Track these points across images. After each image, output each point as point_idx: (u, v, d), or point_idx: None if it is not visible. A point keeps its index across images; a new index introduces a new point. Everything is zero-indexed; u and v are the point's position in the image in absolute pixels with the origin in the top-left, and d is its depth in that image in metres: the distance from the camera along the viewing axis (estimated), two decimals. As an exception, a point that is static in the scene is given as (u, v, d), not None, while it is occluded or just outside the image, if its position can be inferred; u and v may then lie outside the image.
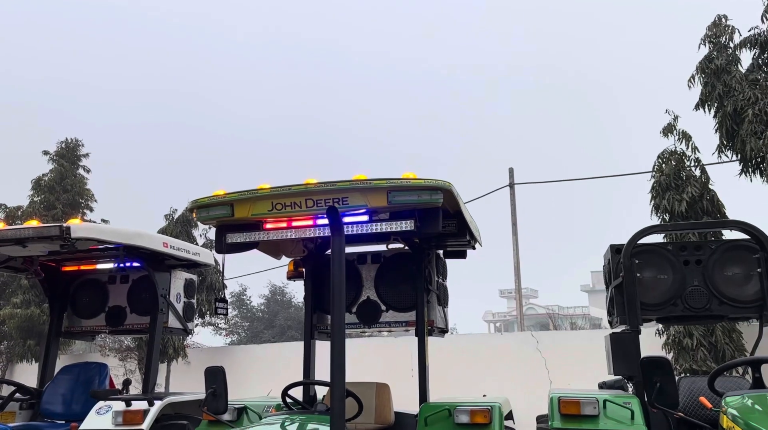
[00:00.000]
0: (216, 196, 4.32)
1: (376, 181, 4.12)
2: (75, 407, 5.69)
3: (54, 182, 19.22)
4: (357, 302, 5.58)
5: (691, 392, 4.66)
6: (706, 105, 9.72)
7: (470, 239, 5.19)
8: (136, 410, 4.93)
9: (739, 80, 9.31)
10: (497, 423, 4.30)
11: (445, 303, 5.78)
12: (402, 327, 5.55)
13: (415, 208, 4.21)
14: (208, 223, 4.52)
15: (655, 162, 10.22)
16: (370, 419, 4.91)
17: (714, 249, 4.90)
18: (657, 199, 9.78)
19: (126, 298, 6.39)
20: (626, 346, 4.53)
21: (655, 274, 4.89)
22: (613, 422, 4.15)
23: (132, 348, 16.35)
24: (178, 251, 5.83)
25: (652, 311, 4.87)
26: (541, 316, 43.41)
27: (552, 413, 4.28)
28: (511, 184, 19.66)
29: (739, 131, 9.04)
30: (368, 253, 5.72)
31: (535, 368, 11.90)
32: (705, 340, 9.14)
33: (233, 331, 31.18)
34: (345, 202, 4.18)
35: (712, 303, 4.78)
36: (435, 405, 4.55)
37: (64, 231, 4.80)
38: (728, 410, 3.17)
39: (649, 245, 5.00)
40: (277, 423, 3.69)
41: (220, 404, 3.94)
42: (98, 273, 6.48)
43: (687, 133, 10.15)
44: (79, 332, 6.48)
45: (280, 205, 4.23)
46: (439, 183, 4.13)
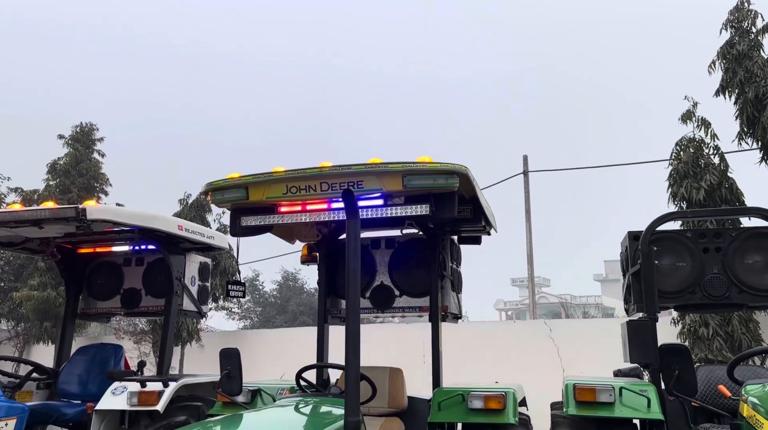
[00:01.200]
0: (231, 178, 4.31)
1: (392, 164, 4.08)
2: (91, 387, 5.75)
3: (69, 166, 19.35)
4: (371, 287, 5.57)
5: (709, 381, 4.61)
6: (726, 91, 9.52)
7: (485, 224, 5.14)
8: (151, 391, 4.96)
9: (762, 66, 9.11)
10: (511, 409, 4.28)
11: (459, 289, 5.75)
12: (415, 312, 5.53)
13: (431, 192, 4.17)
14: (223, 205, 4.51)
15: (673, 149, 10.06)
16: (383, 403, 4.91)
17: (734, 237, 4.82)
18: (675, 187, 9.64)
19: (141, 280, 6.43)
20: (643, 334, 4.48)
21: (674, 261, 4.83)
22: (629, 409, 4.12)
23: (146, 331, 16.51)
24: (193, 235, 5.84)
25: (669, 299, 4.81)
26: (553, 304, 43.27)
27: (567, 400, 4.25)
28: (525, 172, 19.52)
29: (760, 118, 8.86)
30: (382, 238, 5.70)
31: (548, 355, 11.85)
32: (721, 329, 9.03)
33: (246, 316, 31.42)
34: (360, 186, 4.14)
35: (731, 291, 4.71)
36: (448, 390, 4.54)
37: (80, 212, 4.82)
38: (749, 398, 3.12)
39: (668, 232, 4.93)
40: (291, 405, 3.69)
41: (235, 386, 3.95)
42: (114, 255, 6.53)
43: (706, 120, 9.97)
44: (95, 313, 6.54)
45: (294, 189, 4.21)
46: (455, 167, 4.08)
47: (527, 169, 19.48)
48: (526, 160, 19.50)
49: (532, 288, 19.35)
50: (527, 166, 19.46)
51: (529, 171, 19.52)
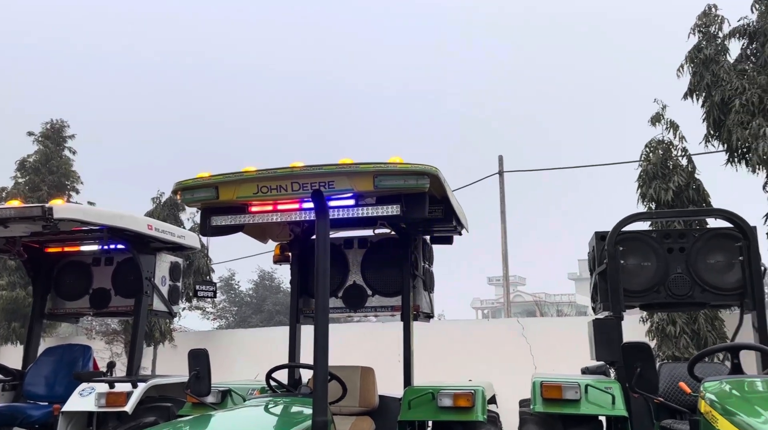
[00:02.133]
0: (200, 178, 4.28)
1: (363, 165, 4.10)
2: (58, 388, 5.66)
3: (39, 164, 19.01)
4: (343, 287, 5.58)
5: (672, 378, 4.72)
6: (694, 95, 9.75)
7: (457, 224, 5.20)
8: (119, 392, 4.92)
9: (728, 70, 9.34)
10: (480, 407, 4.34)
11: (431, 288, 5.79)
12: (388, 312, 5.56)
13: (402, 193, 4.20)
14: (193, 205, 4.48)
15: (643, 151, 10.26)
16: (354, 403, 4.93)
17: (697, 237, 4.94)
18: (644, 188, 9.83)
19: (111, 280, 6.36)
20: (609, 332, 4.58)
21: (639, 261, 4.93)
22: (594, 406, 4.21)
23: (118, 331, 16.30)
24: (163, 234, 5.79)
25: (635, 298, 4.92)
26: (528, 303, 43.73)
27: (534, 397, 4.33)
28: (501, 172, 19.70)
29: (726, 121, 9.08)
30: (355, 238, 5.71)
31: (521, 353, 11.99)
32: (688, 327, 9.25)
33: (221, 315, 31.17)
34: (331, 186, 4.16)
35: (694, 290, 4.83)
36: (419, 389, 4.58)
37: (47, 211, 4.75)
38: (706, 395, 3.21)
39: (634, 233, 5.03)
40: (260, 405, 3.70)
41: (204, 387, 3.94)
42: (82, 255, 6.43)
43: (675, 122, 10.19)
44: (63, 313, 6.44)
45: (265, 188, 4.20)
46: (425, 168, 4.12)
47: (502, 169, 19.66)
48: (501, 161, 19.68)
49: (506, 287, 19.56)
50: (503, 166, 19.64)
51: (504, 171, 19.70)
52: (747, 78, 9.08)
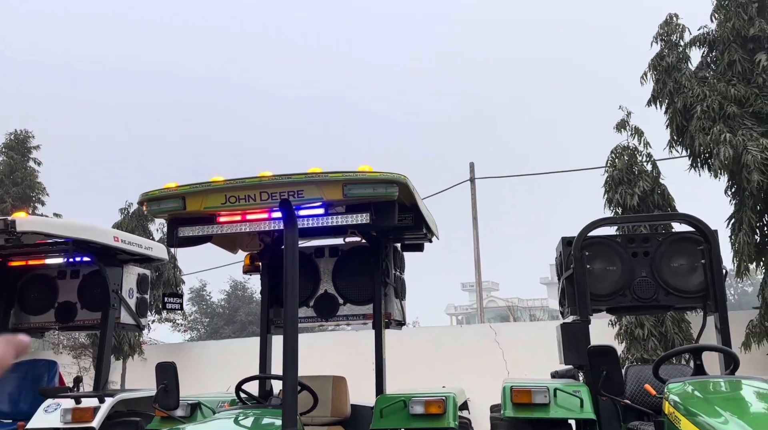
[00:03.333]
0: (167, 188, 4.24)
1: (332, 174, 4.11)
2: (23, 405, 5.52)
3: (3, 175, 18.58)
4: (314, 296, 5.56)
5: (638, 380, 4.81)
6: (657, 101, 9.99)
7: (427, 232, 5.23)
8: (85, 407, 4.82)
9: (689, 77, 9.60)
10: (451, 413, 4.36)
11: (403, 296, 5.81)
12: (359, 320, 5.56)
13: (371, 201, 4.22)
14: (160, 216, 4.44)
15: (609, 157, 10.47)
16: (326, 413, 4.91)
17: (661, 241, 5.05)
18: (610, 194, 10.03)
19: (76, 293, 6.23)
20: (576, 336, 4.65)
21: (605, 265, 5.02)
22: (563, 410, 4.26)
23: (86, 345, 15.94)
24: (130, 246, 5.71)
25: (601, 302, 5.00)
26: (501, 308, 44.07)
27: (504, 402, 4.36)
28: (472, 179, 19.86)
29: (689, 127, 9.33)
30: (326, 246, 5.70)
31: (494, 359, 12.08)
32: (655, 330, 9.43)
33: (192, 327, 30.72)
34: (300, 196, 4.15)
35: (658, 293, 4.94)
36: (390, 397, 4.58)
37: (9, 225, 4.65)
38: (670, 396, 3.28)
39: (599, 238, 5.13)
40: (230, 418, 3.66)
41: (172, 400, 3.88)
42: (47, 268, 6.29)
43: (639, 128, 10.43)
44: (28, 328, 6.28)
45: (233, 199, 4.17)
46: (394, 176, 4.14)
47: (473, 176, 19.83)
48: (472, 168, 19.85)
49: (479, 293, 19.67)
50: (473, 173, 19.82)
51: (475, 178, 19.88)
52: (708, 85, 9.35)
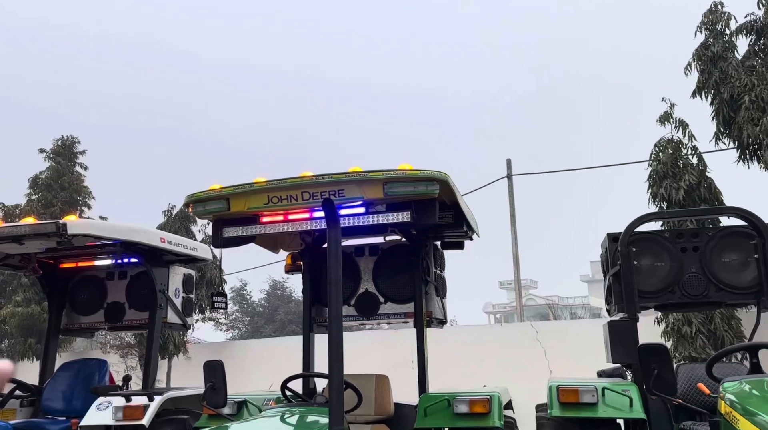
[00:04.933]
0: (212, 190, 4.31)
1: (372, 172, 4.11)
2: (75, 403, 5.70)
3: (51, 180, 19.21)
4: (355, 295, 5.58)
5: (690, 379, 4.67)
6: (702, 92, 9.69)
7: (467, 229, 5.19)
8: (136, 405, 4.94)
9: (736, 67, 9.29)
10: (496, 412, 4.32)
11: (443, 294, 5.78)
12: (401, 319, 5.56)
13: (411, 199, 4.20)
14: (205, 217, 4.51)
15: (652, 151, 10.20)
16: (369, 411, 4.92)
17: (711, 236, 4.90)
18: (654, 188, 9.77)
19: (124, 294, 6.40)
20: (624, 334, 4.55)
21: (653, 261, 4.90)
22: (612, 409, 4.17)
23: (133, 344, 16.36)
24: (176, 247, 5.83)
25: (649, 299, 4.88)
26: (540, 306, 43.50)
27: (551, 402, 4.30)
28: (509, 176, 19.65)
29: (736, 118, 9.02)
30: (366, 245, 5.72)
31: (535, 357, 11.92)
32: (704, 327, 9.15)
33: (234, 326, 31.25)
34: (341, 195, 4.17)
35: (709, 290, 4.79)
36: (434, 395, 4.56)
37: (61, 228, 4.79)
38: (726, 395, 3.17)
39: (646, 233, 5.00)
40: (276, 416, 3.70)
41: (220, 398, 3.94)
42: (96, 269, 6.48)
43: (684, 121, 10.13)
44: (78, 328, 6.49)
45: (276, 199, 4.22)
46: (435, 174, 4.12)
47: (511, 172, 19.62)
48: (509, 164, 19.63)
49: (518, 290, 19.45)
50: (511, 169, 19.60)
51: (513, 174, 19.65)
52: (756, 74, 9.02)
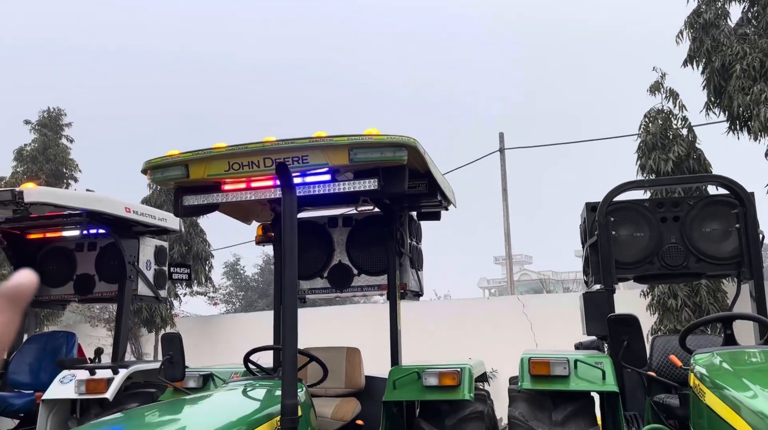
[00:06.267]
0: (170, 156, 4.13)
1: (337, 137, 3.93)
2: (42, 376, 5.58)
3: (37, 152, 18.92)
4: (328, 267, 5.44)
5: (665, 351, 4.56)
6: (694, 61, 9.46)
7: (442, 199, 5.02)
8: (99, 378, 4.81)
9: (728, 35, 9.05)
10: (466, 385, 4.20)
11: (420, 266, 5.64)
12: (375, 291, 5.43)
13: (379, 166, 4.03)
14: (164, 184, 4.33)
15: (642, 121, 10.01)
16: (339, 384, 4.81)
17: (692, 205, 4.75)
18: (643, 160, 9.60)
19: (94, 265, 6.24)
20: (600, 306, 4.42)
21: (632, 231, 4.75)
22: (584, 382, 4.06)
23: (120, 318, 16.26)
24: (143, 217, 5.65)
25: (628, 270, 4.75)
26: (534, 281, 43.61)
27: (522, 374, 4.18)
28: (501, 149, 19.46)
29: (727, 87, 8.81)
30: (339, 216, 5.56)
31: (523, 331, 11.87)
32: (690, 300, 9.07)
33: (228, 300, 31.24)
34: (305, 161, 3.99)
35: (689, 260, 4.65)
36: (404, 368, 4.45)
37: (17, 195, 4.62)
38: (696, 367, 3.05)
39: (626, 202, 4.85)
40: (236, 389, 3.58)
41: (177, 371, 3.82)
42: (65, 241, 6.31)
43: (674, 91, 9.92)
44: (48, 301, 6.34)
45: (237, 165, 4.04)
46: (402, 139, 3.94)
47: (503, 146, 19.41)
48: (502, 138, 19.42)
49: (509, 264, 19.40)
50: (503, 143, 19.39)
51: (505, 148, 19.46)
52: (748, 42, 8.79)
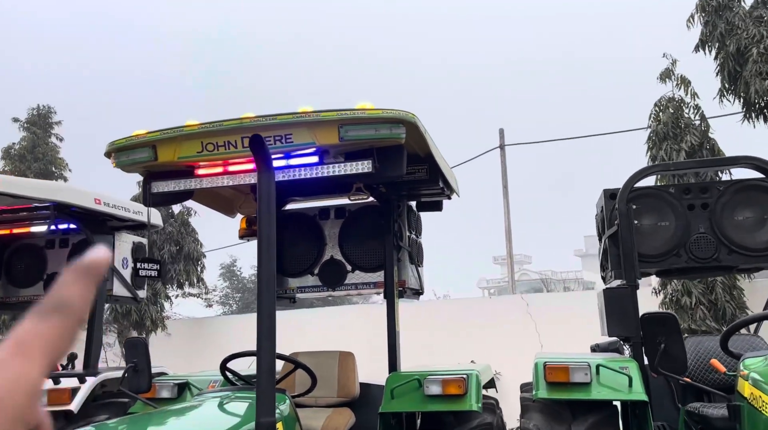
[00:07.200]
0: (136, 136, 3.63)
1: (325, 112, 3.44)
2: None
3: (25, 151, 18.45)
4: (319, 263, 4.95)
5: (698, 354, 4.07)
6: (706, 46, 8.98)
7: (444, 186, 4.53)
8: (63, 388, 4.31)
9: (743, 17, 8.57)
10: (474, 394, 3.70)
11: (420, 262, 5.14)
12: (370, 289, 4.94)
13: (374, 146, 3.55)
14: (131, 170, 3.83)
15: (652, 110, 9.52)
16: (331, 393, 4.32)
17: (722, 191, 4.26)
18: (654, 150, 9.13)
19: (66, 263, 5.73)
20: (622, 303, 3.92)
21: (656, 221, 4.27)
22: (608, 390, 3.56)
23: (110, 321, 15.76)
24: (116, 209, 5.16)
25: (651, 264, 4.26)
26: (534, 281, 43.17)
27: (537, 382, 3.69)
28: (501, 146, 19.00)
29: (743, 73, 8.34)
30: (331, 207, 5.07)
31: (526, 331, 11.39)
32: (704, 298, 8.59)
33: (225, 302, 30.74)
34: (289, 140, 3.50)
35: (720, 252, 4.16)
36: (403, 375, 3.95)
37: (-33, 185, 4.12)
38: (750, 374, 2.56)
39: (649, 189, 4.38)
40: (210, 401, 3.09)
41: (143, 381, 3.34)
42: (35, 237, 5.81)
43: (686, 78, 9.44)
44: (16, 302, 5.83)
45: (211, 146, 3.55)
46: (400, 114, 3.46)
47: (503, 142, 18.96)
48: (502, 134, 18.97)
49: (510, 263, 18.92)
50: (503, 139, 18.94)
51: (505, 145, 19.00)
52: (765, 24, 8.32)
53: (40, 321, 0.53)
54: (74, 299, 0.55)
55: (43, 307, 0.54)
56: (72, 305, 0.54)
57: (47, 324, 0.53)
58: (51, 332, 0.53)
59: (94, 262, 0.57)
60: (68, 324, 0.54)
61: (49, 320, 0.53)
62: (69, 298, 0.54)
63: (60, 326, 0.53)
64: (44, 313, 0.54)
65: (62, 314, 0.54)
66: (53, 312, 0.54)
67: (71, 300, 0.54)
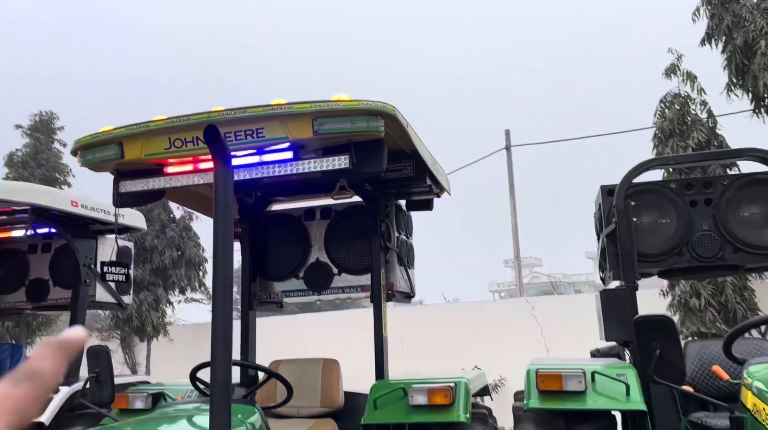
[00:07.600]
0: (102, 133, 3.46)
1: (298, 105, 3.25)
2: None
3: (28, 157, 18.41)
4: (305, 266, 4.75)
5: (701, 360, 3.82)
6: (713, 39, 8.70)
7: (432, 184, 4.31)
8: (34, 399, 4.12)
9: (750, 9, 8.29)
10: (461, 404, 3.48)
11: (410, 264, 4.92)
12: (358, 292, 4.72)
13: (351, 140, 3.35)
14: (99, 169, 3.65)
15: (658, 107, 9.25)
16: (314, 403, 4.11)
17: (726, 186, 4.01)
18: (659, 148, 8.85)
19: (48, 269, 5.58)
20: (620, 305, 3.69)
21: (656, 218, 4.03)
22: (604, 399, 3.33)
23: (111, 327, 15.64)
24: (95, 212, 4.98)
25: (652, 263, 4.01)
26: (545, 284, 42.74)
27: (528, 390, 3.45)
28: (508, 147, 18.77)
29: (750, 66, 8.06)
30: (317, 207, 4.87)
31: (533, 335, 11.11)
32: (714, 299, 8.29)
33: (230, 307, 30.64)
34: (260, 135, 3.31)
35: (725, 251, 3.91)
36: (388, 384, 3.74)
37: (-66, 187, 3.96)
38: (753, 383, 2.33)
39: (648, 184, 4.13)
40: (166, 415, 2.88)
41: (105, 393, 3.13)
42: (16, 242, 5.65)
43: (692, 73, 9.16)
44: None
45: (179, 142, 3.37)
46: (377, 106, 3.25)
47: (509, 143, 18.72)
48: (508, 135, 18.74)
49: (518, 265, 18.64)
50: (509, 140, 18.70)
51: (511, 146, 18.76)
52: (773, 16, 8.03)
53: (12, 387, 0.58)
54: (46, 371, 0.60)
55: (16, 374, 0.59)
56: (44, 376, 0.59)
57: (18, 391, 0.57)
58: (20, 397, 0.57)
59: (69, 341, 0.62)
60: (37, 393, 0.58)
61: (20, 387, 0.58)
62: (41, 370, 0.59)
63: (29, 394, 0.58)
64: (17, 380, 0.58)
65: (33, 383, 0.59)
66: (25, 380, 0.58)
67: (43, 372, 0.59)
